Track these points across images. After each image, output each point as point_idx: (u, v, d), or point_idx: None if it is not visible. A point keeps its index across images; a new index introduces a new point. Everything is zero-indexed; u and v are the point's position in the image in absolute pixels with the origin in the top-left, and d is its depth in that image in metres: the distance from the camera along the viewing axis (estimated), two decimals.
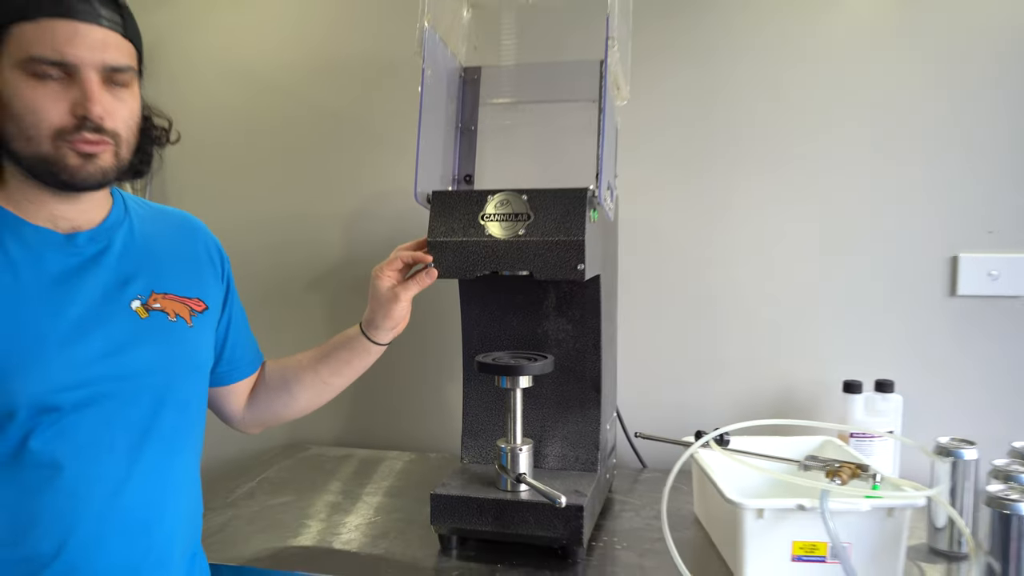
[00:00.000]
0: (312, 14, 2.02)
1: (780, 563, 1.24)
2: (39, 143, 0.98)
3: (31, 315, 0.97)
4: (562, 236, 1.26)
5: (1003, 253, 1.68)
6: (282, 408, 1.35)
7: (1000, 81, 1.67)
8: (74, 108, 0.97)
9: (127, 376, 1.04)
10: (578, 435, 1.47)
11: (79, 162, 0.99)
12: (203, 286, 1.18)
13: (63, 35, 0.96)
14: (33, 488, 0.97)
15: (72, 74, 0.97)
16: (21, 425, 0.96)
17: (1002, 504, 1.13)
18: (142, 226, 1.14)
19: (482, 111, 1.56)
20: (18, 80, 0.96)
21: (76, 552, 0.98)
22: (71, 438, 0.99)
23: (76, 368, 0.99)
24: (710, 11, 1.79)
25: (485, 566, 1.31)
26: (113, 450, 1.02)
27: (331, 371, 1.34)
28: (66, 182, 1.00)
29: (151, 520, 1.06)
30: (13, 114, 0.97)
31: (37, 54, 0.95)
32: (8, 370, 0.95)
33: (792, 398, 1.78)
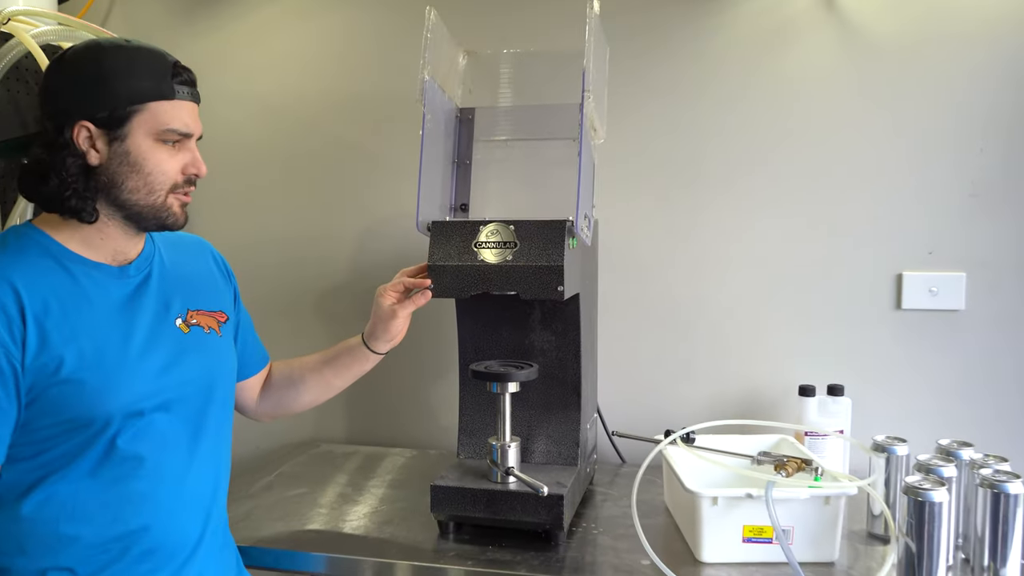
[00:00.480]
0: (324, 53, 2.21)
1: (733, 544, 1.43)
2: (158, 195, 1.20)
3: (109, 338, 1.17)
4: (544, 262, 1.45)
5: (942, 272, 1.88)
6: (291, 402, 1.55)
7: (937, 123, 1.87)
8: (185, 168, 1.22)
9: (182, 383, 1.24)
10: (560, 433, 1.66)
11: (180, 212, 1.24)
12: (221, 300, 1.39)
13: (188, 113, 1.21)
14: (122, 479, 1.17)
15: (182, 142, 1.21)
16: (108, 432, 1.15)
17: (917, 492, 1.31)
18: (167, 253, 1.34)
19: (476, 147, 1.75)
20: (148, 144, 1.18)
21: (157, 527, 1.19)
22: (148, 436, 1.19)
23: (149, 380, 1.19)
24: (677, 53, 1.98)
25: (478, 548, 1.50)
26: (178, 443, 1.23)
27: (334, 373, 1.54)
28: (170, 225, 1.23)
29: (208, 498, 1.28)
30: (143, 172, 1.18)
31: (174, 127, 1.19)
32: (104, 388, 1.14)
33: (753, 401, 1.98)
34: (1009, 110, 1.83)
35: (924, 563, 1.31)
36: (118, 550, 1.17)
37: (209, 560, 1.28)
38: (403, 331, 1.53)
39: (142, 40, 1.23)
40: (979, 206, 1.86)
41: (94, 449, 1.15)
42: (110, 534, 1.17)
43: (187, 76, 1.22)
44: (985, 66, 1.84)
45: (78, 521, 1.15)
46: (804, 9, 1.92)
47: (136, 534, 1.18)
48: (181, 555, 1.23)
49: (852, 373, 1.90)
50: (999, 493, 1.33)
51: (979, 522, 1.36)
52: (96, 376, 1.14)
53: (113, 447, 1.16)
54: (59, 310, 1.13)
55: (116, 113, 1.15)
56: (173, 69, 1.20)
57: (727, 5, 1.96)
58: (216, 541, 1.31)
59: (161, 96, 1.18)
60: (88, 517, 1.15)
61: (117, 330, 1.18)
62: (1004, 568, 1.34)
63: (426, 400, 2.20)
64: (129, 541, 1.18)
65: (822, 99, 1.92)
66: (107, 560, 1.16)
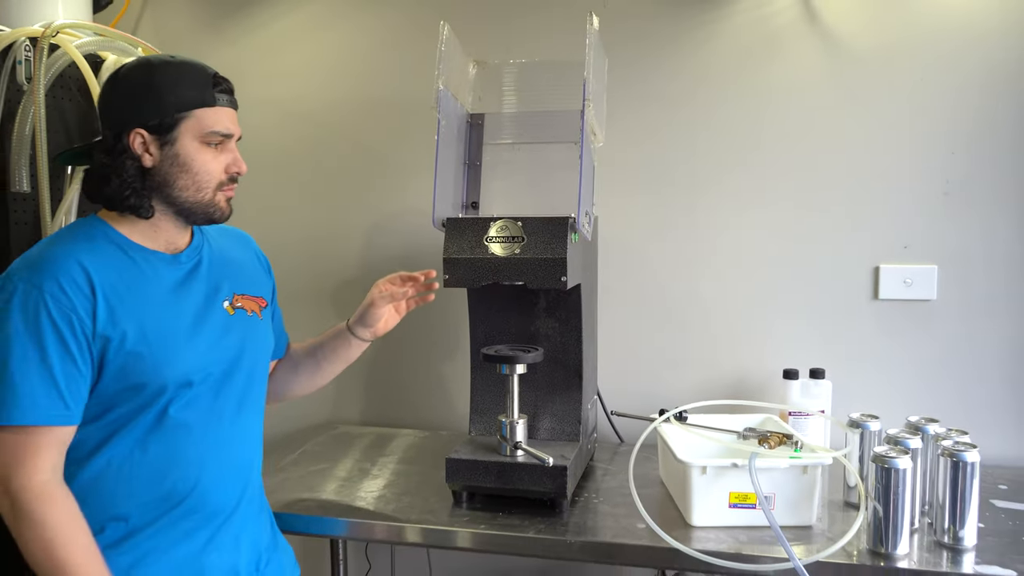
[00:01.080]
0: (342, 61, 2.36)
1: (720, 509, 1.58)
2: (206, 192, 1.35)
3: (166, 316, 1.32)
4: (549, 254, 1.60)
5: (916, 264, 2.03)
6: (288, 385, 1.67)
7: (911, 127, 2.02)
8: (228, 167, 1.37)
9: (227, 358, 1.38)
10: (564, 412, 1.82)
11: (226, 207, 1.39)
12: (262, 287, 1.53)
13: (227, 117, 1.36)
14: (172, 443, 1.32)
15: (223, 143, 1.36)
16: (163, 400, 1.30)
17: (884, 460, 1.46)
18: (215, 242, 1.48)
19: (485, 150, 1.90)
20: (195, 147, 1.33)
21: (203, 488, 1.34)
22: (196, 406, 1.33)
23: (198, 355, 1.33)
24: (670, 61, 2.13)
25: (490, 514, 1.65)
26: (223, 413, 1.38)
27: (323, 357, 1.66)
28: (216, 219, 1.39)
29: (248, 464, 1.43)
30: (191, 172, 1.33)
31: (217, 130, 1.34)
32: (160, 359, 1.29)
33: (741, 384, 2.13)
34: (978, 116, 1.98)
35: (890, 525, 1.46)
36: (167, 507, 1.32)
37: (247, 522, 1.43)
38: (383, 322, 1.63)
39: (184, 55, 1.38)
40: (951, 204, 2.01)
41: (148, 415, 1.29)
42: (160, 492, 1.31)
43: (226, 85, 1.37)
44: (956, 75, 1.98)
45: (133, 479, 1.30)
46: (789, 22, 2.07)
47: (182, 493, 1.33)
48: (222, 515, 1.38)
49: (833, 358, 2.05)
50: (958, 461, 1.49)
51: (940, 489, 1.52)
52: (154, 349, 1.28)
53: (165, 415, 1.30)
54: (123, 289, 1.29)
55: (166, 120, 1.31)
56: (214, 80, 1.35)
57: (717, 16, 2.11)
58: (253, 506, 1.45)
59: (204, 104, 1.32)
60: (141, 476, 1.30)
61: (172, 309, 1.33)
62: (963, 530, 1.50)
63: (437, 384, 2.34)
64: (176, 499, 1.32)
65: (805, 105, 2.07)
66: (157, 514, 1.31)
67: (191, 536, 1.34)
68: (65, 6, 2.03)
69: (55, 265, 1.25)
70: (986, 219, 1.99)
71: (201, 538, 1.35)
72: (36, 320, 1.22)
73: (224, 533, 1.38)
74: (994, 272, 1.99)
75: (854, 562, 1.45)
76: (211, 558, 1.36)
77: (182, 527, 1.33)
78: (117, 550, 1.29)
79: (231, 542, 1.39)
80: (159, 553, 1.31)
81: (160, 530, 1.32)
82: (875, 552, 1.47)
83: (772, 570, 1.43)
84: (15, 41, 1.77)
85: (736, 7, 2.09)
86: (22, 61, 1.78)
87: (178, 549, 1.33)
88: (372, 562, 2.33)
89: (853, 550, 1.49)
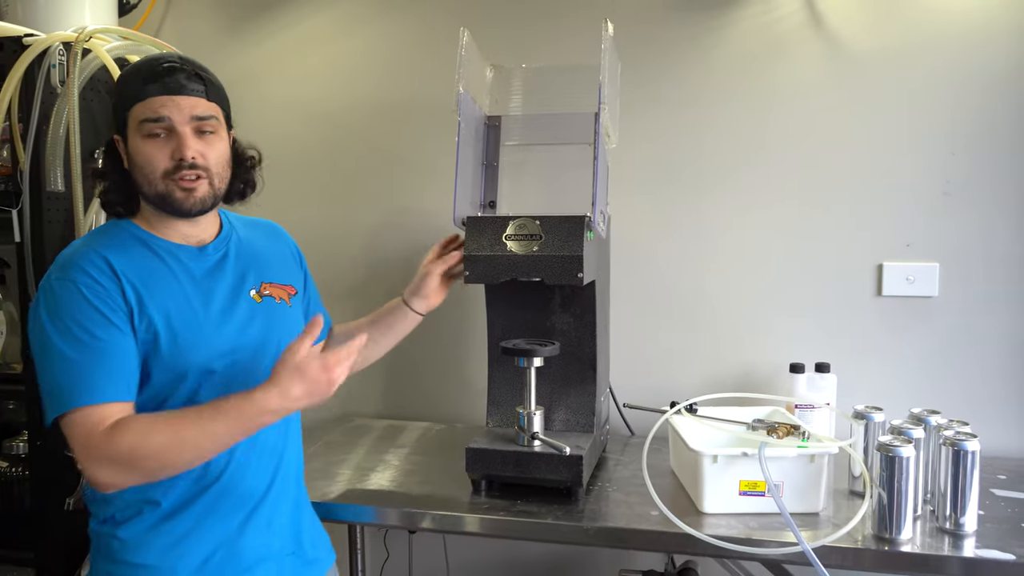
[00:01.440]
0: (362, 63, 2.42)
1: (730, 497, 1.64)
2: (155, 183, 1.36)
3: (192, 305, 1.38)
4: (566, 252, 1.66)
5: (918, 262, 2.10)
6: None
7: (914, 129, 2.08)
8: (173, 153, 1.35)
9: (255, 345, 1.43)
10: (578, 404, 1.88)
11: (183, 195, 1.36)
12: (292, 275, 1.58)
13: (160, 103, 1.34)
14: None
15: (171, 130, 1.35)
16: (191, 383, 1.36)
17: (888, 449, 1.53)
18: (244, 233, 1.54)
19: (502, 150, 1.97)
20: (138, 142, 1.36)
21: (233, 471, 1.40)
22: (225, 391, 1.36)
23: (223, 341, 1.39)
24: (679, 64, 2.20)
25: (508, 502, 1.71)
26: None
27: (379, 332, 1.74)
28: (177, 210, 1.38)
29: (278, 449, 1.48)
30: (138, 166, 1.37)
31: (146, 117, 1.34)
32: (184, 346, 1.35)
33: (748, 378, 2.19)
34: (977, 118, 2.04)
35: (894, 511, 1.53)
36: (197, 490, 1.38)
37: (278, 507, 1.47)
38: (436, 293, 1.73)
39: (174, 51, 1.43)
40: (952, 204, 2.07)
41: (176, 399, 1.35)
42: (190, 476, 1.37)
43: (161, 75, 1.34)
44: (957, 78, 2.05)
45: None
46: (794, 27, 2.13)
47: (211, 477, 1.38)
48: (253, 499, 1.43)
49: (837, 352, 2.12)
50: (959, 450, 1.55)
51: (942, 477, 1.58)
52: (180, 336, 1.35)
53: (195, 400, 1.36)
54: (148, 281, 1.35)
55: (118, 122, 1.38)
56: (148, 72, 1.35)
57: (724, 22, 2.17)
58: (287, 491, 1.50)
59: (136, 98, 1.35)
60: None
61: (197, 299, 1.39)
62: (963, 517, 1.56)
63: (453, 378, 2.40)
64: (206, 483, 1.38)
65: (809, 107, 2.13)
66: (188, 497, 1.37)
67: (224, 520, 1.40)
68: (92, 10, 2.09)
69: (81, 260, 1.33)
70: (986, 218, 2.06)
71: (234, 521, 1.41)
72: (77, 309, 1.29)
73: (257, 516, 1.43)
74: (994, 269, 2.06)
75: (859, 546, 1.52)
76: (245, 541, 1.41)
77: (214, 510, 1.39)
78: (155, 532, 1.35)
79: (264, 525, 1.44)
80: (195, 536, 1.37)
81: (193, 513, 1.38)
82: (879, 537, 1.53)
83: (781, 554, 1.50)
84: (50, 46, 1.84)
85: (742, 13, 2.16)
86: (56, 65, 1.85)
87: (213, 532, 1.39)
88: (390, 551, 2.40)
89: (858, 535, 1.55)
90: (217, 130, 1.40)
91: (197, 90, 1.37)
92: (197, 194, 1.37)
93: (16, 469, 2.00)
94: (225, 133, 1.44)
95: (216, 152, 1.40)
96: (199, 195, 1.37)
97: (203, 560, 1.37)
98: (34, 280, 1.83)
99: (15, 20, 2.00)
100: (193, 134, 1.36)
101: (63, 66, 1.86)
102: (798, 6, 2.12)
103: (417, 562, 2.42)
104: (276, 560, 1.46)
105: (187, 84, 1.36)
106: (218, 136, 1.41)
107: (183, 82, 1.36)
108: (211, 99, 1.39)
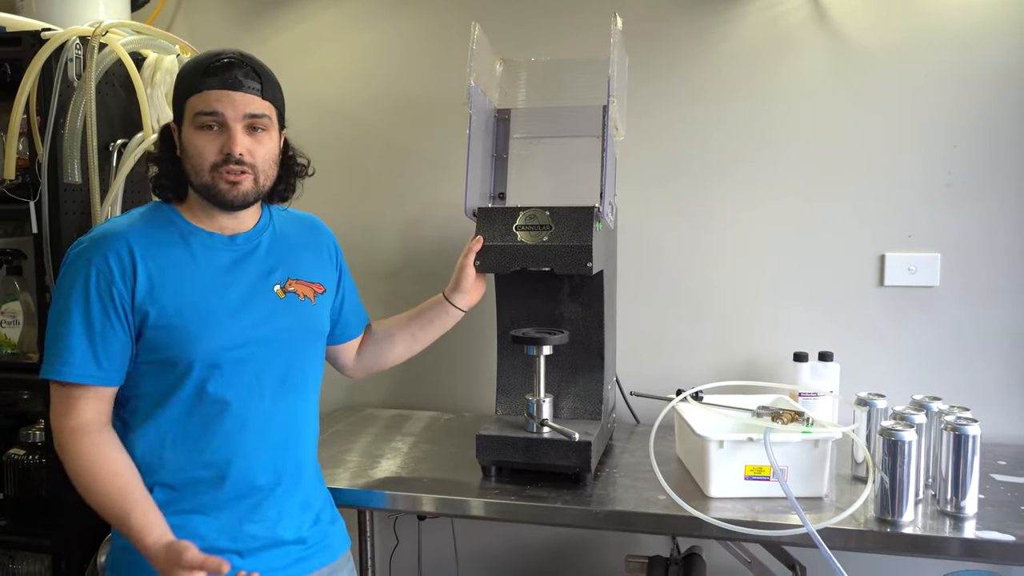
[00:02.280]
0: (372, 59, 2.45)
1: (736, 481, 1.67)
2: (202, 175, 1.41)
3: (207, 295, 1.41)
4: (576, 242, 1.70)
5: (919, 253, 2.13)
6: (383, 357, 1.78)
7: (916, 122, 2.11)
8: (222, 147, 1.40)
9: (270, 340, 1.46)
10: (586, 392, 1.91)
11: (227, 187, 1.41)
12: (323, 273, 1.61)
13: (215, 97, 1.39)
14: (211, 418, 1.41)
15: (224, 125, 1.40)
16: (198, 375, 1.39)
17: (890, 433, 1.56)
18: (282, 227, 1.57)
19: (511, 143, 2.00)
20: (191, 132, 1.41)
21: (241, 462, 1.43)
22: (234, 383, 1.42)
23: (235, 334, 1.42)
24: (685, 59, 2.23)
25: (518, 487, 1.75)
26: (263, 392, 1.45)
27: (419, 327, 1.77)
28: (220, 202, 1.43)
29: (288, 441, 1.50)
30: (189, 156, 1.42)
31: (201, 110, 1.39)
32: (191, 334, 1.38)
33: (752, 366, 2.23)
34: (979, 111, 2.07)
35: (896, 494, 1.56)
36: (207, 477, 1.42)
37: (288, 499, 1.49)
38: (474, 288, 1.75)
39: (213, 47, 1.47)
40: (953, 195, 2.11)
41: (186, 388, 1.39)
42: (200, 463, 1.41)
43: (221, 68, 1.39)
44: (959, 72, 2.08)
45: (175, 449, 1.41)
46: (799, 22, 2.16)
47: (220, 467, 1.42)
48: (261, 492, 1.45)
49: (840, 341, 2.15)
50: (960, 435, 1.58)
51: (943, 461, 1.61)
52: (188, 324, 1.38)
53: (203, 391, 1.40)
54: (168, 267, 1.40)
55: (176, 112, 1.44)
56: (207, 66, 1.40)
57: (731, 17, 2.20)
58: (298, 484, 1.51)
59: (193, 90, 1.40)
60: (182, 447, 1.41)
61: (216, 288, 1.43)
62: (964, 501, 1.60)
63: (460, 368, 2.43)
64: (215, 472, 1.42)
65: (814, 100, 2.17)
66: (198, 485, 1.41)
67: (231, 507, 1.43)
68: (106, 4, 2.12)
69: (107, 243, 1.39)
70: (986, 210, 2.09)
71: (241, 509, 1.44)
72: (85, 290, 1.36)
73: (266, 507, 1.46)
74: (994, 260, 2.09)
75: (863, 528, 1.55)
76: (251, 527, 1.44)
77: (222, 499, 1.42)
78: (164, 511, 1.38)
79: (274, 515, 1.47)
80: (202, 521, 1.41)
81: (202, 500, 1.42)
82: (882, 520, 1.57)
83: (787, 536, 1.53)
84: (67, 40, 1.87)
85: (748, 8, 2.19)
86: (73, 59, 1.88)
87: (220, 518, 1.42)
88: (400, 537, 2.44)
89: (861, 518, 1.59)
90: (268, 128, 1.44)
91: (253, 87, 1.42)
92: (241, 188, 1.42)
93: (33, 457, 2.03)
94: (276, 132, 1.48)
95: (264, 150, 1.44)
96: (243, 189, 1.42)
97: (210, 545, 1.39)
98: (52, 271, 1.87)
99: (30, 14, 2.03)
100: (244, 131, 1.41)
101: (80, 60, 1.89)
102: (803, 1, 2.15)
103: (426, 548, 2.45)
104: (284, 548, 1.48)
105: (244, 80, 1.41)
106: (268, 134, 1.45)
107: (240, 78, 1.40)
108: (266, 97, 1.44)
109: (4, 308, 2.04)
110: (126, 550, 1.38)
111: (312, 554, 1.53)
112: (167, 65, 2.05)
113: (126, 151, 1.98)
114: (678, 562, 2.04)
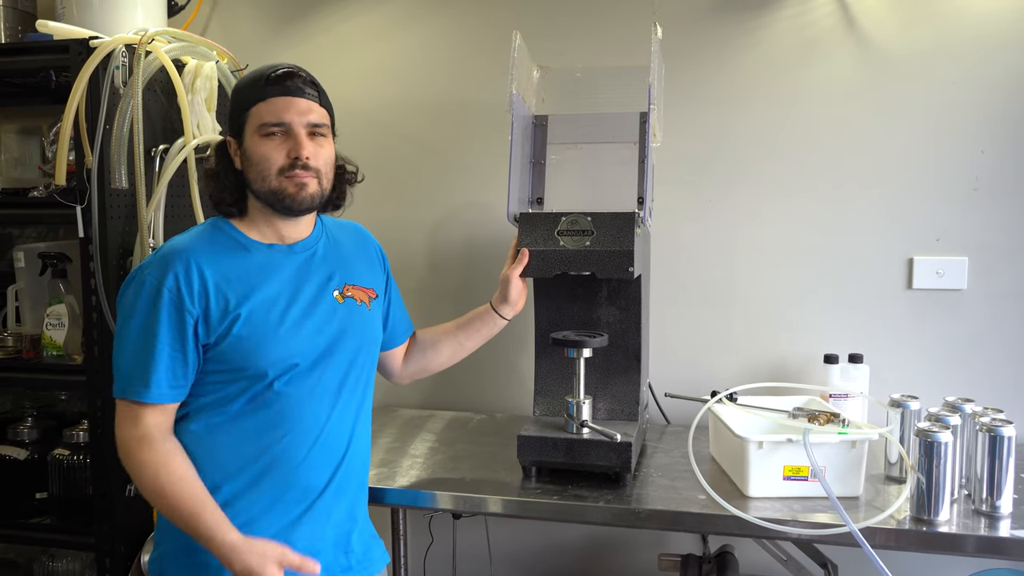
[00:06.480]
0: (403, 63, 2.47)
1: (774, 481, 1.71)
2: (269, 180, 1.45)
3: (276, 303, 1.46)
4: (617, 247, 1.73)
5: (947, 256, 2.16)
6: (429, 363, 1.82)
7: (944, 127, 2.14)
8: (289, 152, 1.45)
9: (330, 344, 1.50)
10: (623, 393, 1.95)
11: (295, 190, 1.46)
12: (374, 278, 1.65)
13: (281, 106, 1.45)
14: (269, 422, 1.46)
15: (288, 132, 1.45)
16: (263, 383, 1.44)
17: (927, 435, 1.60)
18: (333, 235, 1.62)
19: (549, 149, 2.03)
20: (256, 140, 1.45)
21: (292, 468, 1.47)
22: (296, 390, 1.46)
23: (303, 340, 1.47)
24: (716, 67, 2.26)
25: (559, 487, 1.78)
26: (322, 398, 1.50)
27: (465, 336, 1.81)
28: (288, 207, 1.47)
29: (344, 442, 1.54)
30: (254, 163, 1.46)
31: (267, 120, 1.45)
32: (261, 344, 1.43)
33: (782, 368, 2.26)
34: (1006, 116, 2.11)
35: (932, 494, 1.60)
36: (260, 480, 1.45)
37: (335, 503, 1.53)
38: (518, 297, 1.78)
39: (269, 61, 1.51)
40: (980, 200, 2.14)
41: (250, 393, 1.44)
42: (255, 466, 1.45)
43: (283, 78, 1.46)
44: (987, 78, 2.11)
45: (232, 452, 1.45)
46: (828, 28, 2.19)
47: (274, 471, 1.46)
48: (311, 495, 1.49)
49: (870, 343, 2.19)
50: (995, 436, 1.61)
51: (979, 462, 1.65)
52: (257, 335, 1.43)
53: (265, 396, 1.44)
54: (236, 281, 1.44)
55: (236, 124, 1.48)
56: (267, 77, 1.46)
57: (760, 25, 2.23)
58: (346, 488, 1.55)
59: (256, 100, 1.46)
60: (240, 450, 1.45)
61: (284, 296, 1.47)
62: (999, 500, 1.63)
63: (491, 368, 2.46)
64: (269, 476, 1.46)
65: (843, 106, 2.20)
66: (251, 486, 1.45)
67: (285, 511, 1.47)
68: (145, 11, 2.16)
69: (176, 262, 1.42)
70: (1013, 214, 2.12)
71: (294, 512, 1.47)
72: (156, 312, 1.39)
73: (316, 510, 1.49)
74: (1021, 263, 2.12)
75: (901, 527, 1.59)
76: (301, 532, 1.48)
77: (277, 501, 1.46)
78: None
79: (322, 518, 1.50)
80: (254, 524, 1.44)
81: (255, 502, 1.45)
82: (918, 519, 1.61)
83: (828, 534, 1.57)
84: (114, 48, 1.90)
85: (778, 14, 2.22)
86: (119, 66, 1.91)
87: (271, 522, 1.46)
88: (435, 535, 2.47)
89: (898, 517, 1.62)
90: (327, 135, 1.51)
91: (312, 95, 1.48)
92: (308, 191, 1.47)
93: (78, 457, 2.07)
94: (332, 141, 1.54)
95: (326, 154, 1.50)
96: (309, 191, 1.47)
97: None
98: (101, 275, 1.90)
99: (71, 20, 2.06)
100: (308, 137, 1.46)
101: (126, 67, 1.92)
102: (832, 8, 2.19)
103: (460, 547, 2.48)
104: (326, 555, 1.50)
105: (304, 88, 1.47)
106: (328, 141, 1.52)
107: (300, 86, 1.47)
108: (323, 105, 1.51)
109: (50, 311, 2.07)
110: (174, 556, 1.44)
111: (355, 563, 1.57)
112: (207, 71, 2.08)
113: (167, 156, 2.01)
114: (711, 560, 2.07)
